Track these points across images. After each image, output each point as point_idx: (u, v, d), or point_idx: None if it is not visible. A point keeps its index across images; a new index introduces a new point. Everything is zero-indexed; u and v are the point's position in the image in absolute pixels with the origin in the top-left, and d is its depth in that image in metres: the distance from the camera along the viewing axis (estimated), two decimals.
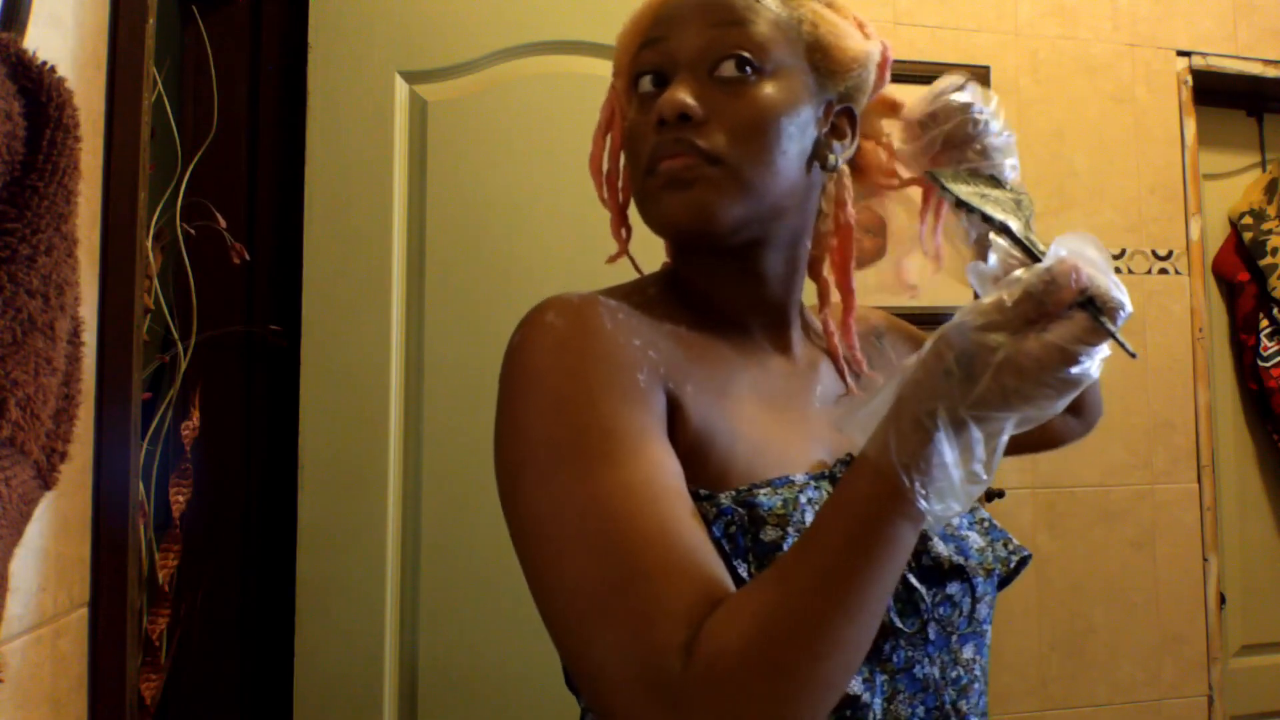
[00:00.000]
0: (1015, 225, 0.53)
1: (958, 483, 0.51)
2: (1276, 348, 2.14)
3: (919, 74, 1.88)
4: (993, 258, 0.53)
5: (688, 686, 0.51)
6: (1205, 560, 2.00)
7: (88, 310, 0.90)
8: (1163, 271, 2.05)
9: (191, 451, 1.37)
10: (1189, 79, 2.08)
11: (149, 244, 1.22)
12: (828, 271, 0.79)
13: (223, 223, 1.41)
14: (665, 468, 0.59)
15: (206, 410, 1.41)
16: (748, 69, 0.68)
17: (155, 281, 1.34)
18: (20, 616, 0.79)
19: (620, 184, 0.80)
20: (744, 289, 0.73)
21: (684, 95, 0.66)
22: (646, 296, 0.71)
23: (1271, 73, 2.14)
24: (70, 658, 0.91)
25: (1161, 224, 2.05)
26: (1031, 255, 0.52)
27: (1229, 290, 2.24)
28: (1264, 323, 2.15)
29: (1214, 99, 2.19)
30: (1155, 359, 2.01)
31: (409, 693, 1.41)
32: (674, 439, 0.63)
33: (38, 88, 0.60)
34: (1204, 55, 2.10)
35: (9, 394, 0.56)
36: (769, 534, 0.61)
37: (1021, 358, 0.48)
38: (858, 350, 0.80)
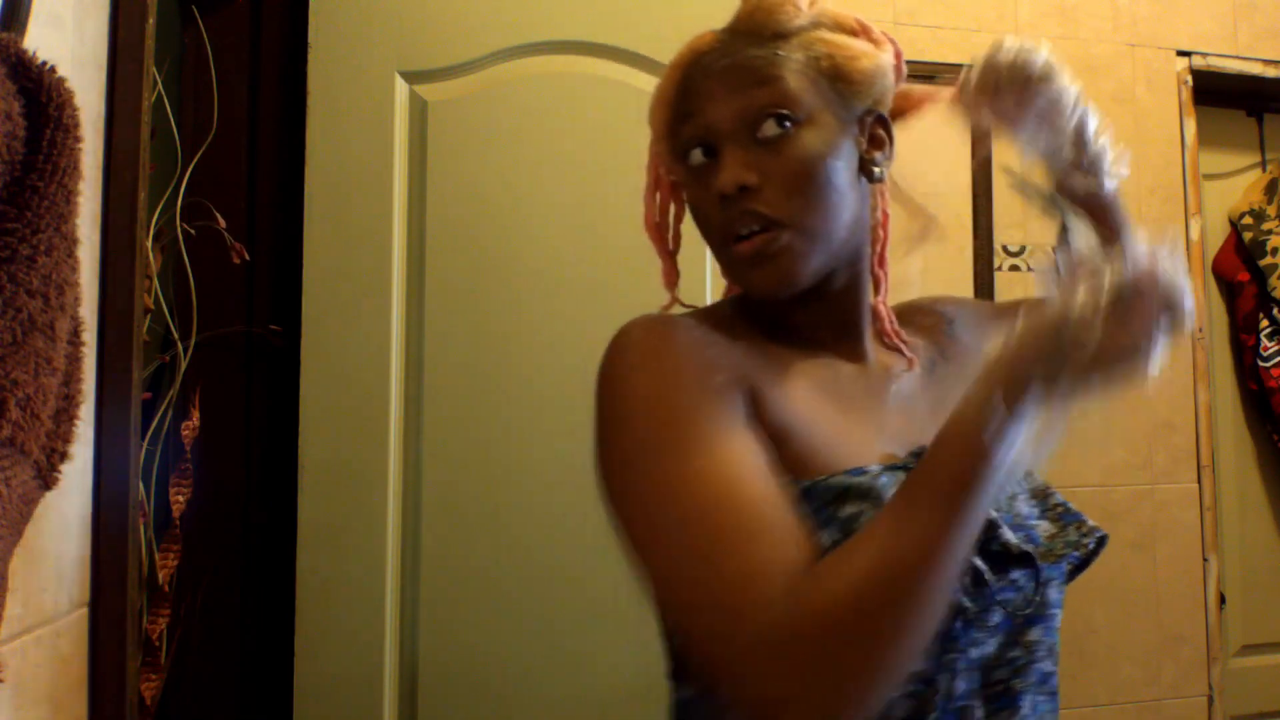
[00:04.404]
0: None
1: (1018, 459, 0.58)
2: (1276, 348, 2.14)
3: (919, 74, 1.88)
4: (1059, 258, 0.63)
5: (794, 631, 0.56)
6: (1205, 560, 2.00)
7: (88, 310, 0.90)
8: None
9: (191, 451, 1.37)
10: (1189, 79, 2.08)
11: (149, 244, 1.22)
12: (875, 262, 0.84)
13: (223, 223, 1.41)
14: (753, 449, 0.65)
15: (206, 410, 1.41)
16: (786, 124, 0.71)
17: (155, 281, 1.34)
18: (20, 616, 0.79)
19: (670, 235, 0.85)
20: (815, 310, 0.78)
21: (738, 170, 0.71)
22: (721, 317, 0.77)
23: (1271, 73, 2.14)
24: (70, 658, 0.91)
25: (1161, 224, 2.05)
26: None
27: (1229, 290, 2.24)
28: (1264, 323, 2.15)
29: (1214, 99, 2.18)
30: None
31: (409, 693, 1.41)
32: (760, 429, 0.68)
33: (38, 88, 0.60)
34: (1204, 55, 2.10)
35: (9, 394, 0.56)
36: (848, 509, 0.65)
37: (1110, 347, 0.56)
38: (891, 324, 0.84)
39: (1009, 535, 0.70)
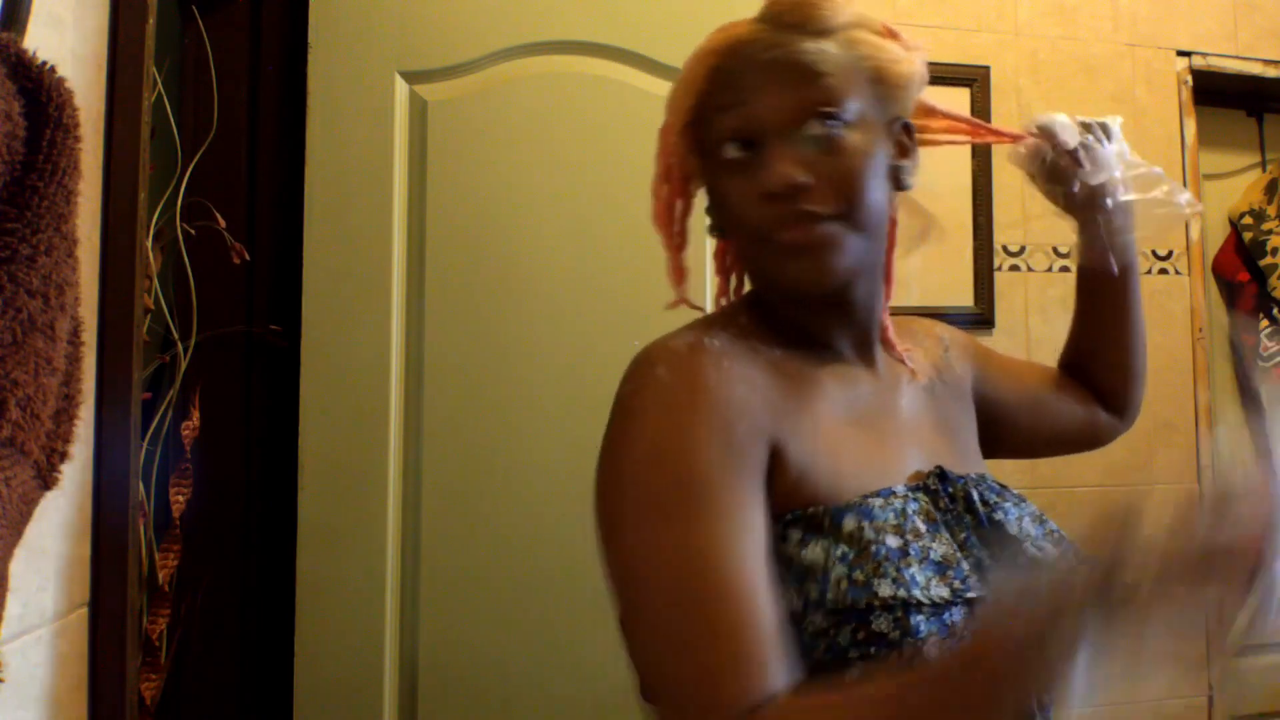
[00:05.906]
0: None
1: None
2: (1277, 348, 2.14)
3: None
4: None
5: None
6: None
7: (88, 310, 0.90)
8: (1163, 271, 2.04)
9: (191, 451, 1.37)
10: (1189, 79, 2.08)
11: (149, 244, 1.22)
12: (884, 270, 0.83)
13: (223, 223, 1.41)
14: (752, 530, 0.64)
15: (206, 410, 1.41)
16: (834, 123, 0.70)
17: (155, 281, 1.34)
18: (20, 616, 0.79)
19: (677, 230, 0.83)
20: (836, 318, 0.77)
21: (789, 168, 0.69)
22: (740, 326, 0.75)
23: (1271, 73, 2.14)
24: (70, 658, 0.91)
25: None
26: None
27: (1229, 290, 2.24)
28: (1264, 323, 2.15)
29: (1214, 99, 2.18)
30: (1155, 359, 2.00)
31: (409, 693, 1.41)
32: (779, 477, 0.67)
33: (38, 88, 0.60)
34: (1204, 55, 2.10)
35: (9, 394, 0.56)
36: (892, 540, 0.65)
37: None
38: (891, 334, 0.84)
39: (1042, 551, 0.71)
